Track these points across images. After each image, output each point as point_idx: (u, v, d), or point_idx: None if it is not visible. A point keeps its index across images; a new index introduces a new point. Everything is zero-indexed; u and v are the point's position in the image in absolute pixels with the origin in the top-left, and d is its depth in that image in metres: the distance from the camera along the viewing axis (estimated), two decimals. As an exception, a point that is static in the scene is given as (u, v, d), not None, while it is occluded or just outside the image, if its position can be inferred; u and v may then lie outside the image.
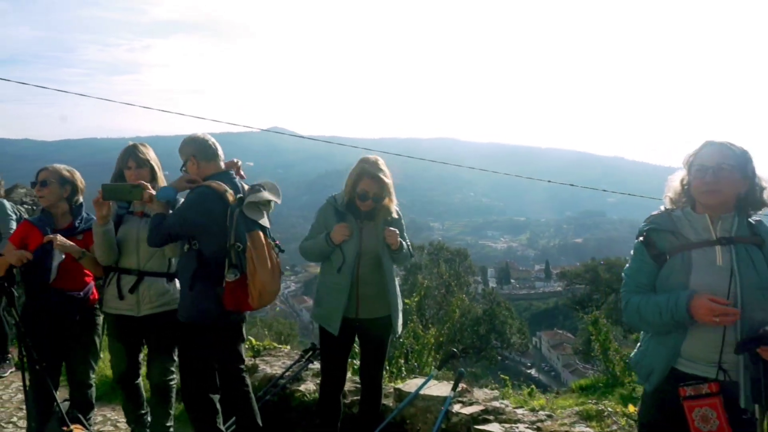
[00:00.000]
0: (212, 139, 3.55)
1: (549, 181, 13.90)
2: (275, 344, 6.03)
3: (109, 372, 4.64)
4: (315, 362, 5.06)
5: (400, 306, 3.80)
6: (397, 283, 3.79)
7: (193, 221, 3.33)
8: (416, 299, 6.94)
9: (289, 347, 6.17)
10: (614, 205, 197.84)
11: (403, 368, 5.98)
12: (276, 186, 3.62)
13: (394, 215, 3.75)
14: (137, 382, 3.93)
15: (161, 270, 3.71)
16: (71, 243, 3.68)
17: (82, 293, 3.83)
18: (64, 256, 3.70)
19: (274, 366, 5.29)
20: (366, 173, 3.62)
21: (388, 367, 5.36)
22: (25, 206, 7.15)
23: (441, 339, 7.41)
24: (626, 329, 25.80)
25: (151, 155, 3.81)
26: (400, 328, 3.82)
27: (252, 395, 3.68)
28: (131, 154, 3.74)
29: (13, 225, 5.44)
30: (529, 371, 49.23)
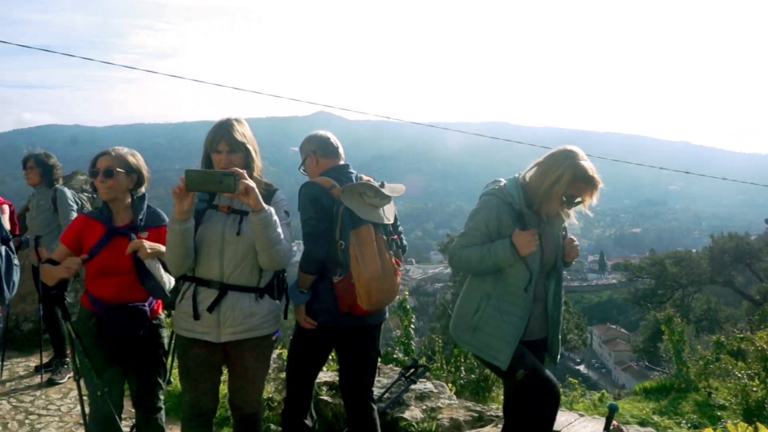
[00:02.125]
0: (333, 137, 3.46)
1: (613, 160, 13.05)
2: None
3: (178, 385, 4.21)
4: (418, 382, 4.51)
5: (562, 326, 3.29)
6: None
7: (318, 221, 3.16)
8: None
9: (381, 360, 5.42)
10: (677, 193, 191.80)
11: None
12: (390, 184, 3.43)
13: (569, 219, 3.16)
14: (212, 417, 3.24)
15: (250, 284, 2.85)
16: (155, 244, 3.05)
17: (147, 305, 3.15)
18: (159, 265, 3.03)
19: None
20: (582, 177, 2.91)
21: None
22: (86, 194, 6.58)
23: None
24: (698, 328, 24.74)
25: (248, 134, 2.90)
26: (559, 354, 3.27)
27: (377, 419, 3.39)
28: (224, 133, 2.81)
29: (74, 216, 4.99)
30: (577, 367, 48.03)
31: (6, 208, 5.49)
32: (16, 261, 3.57)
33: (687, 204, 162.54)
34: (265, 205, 2.62)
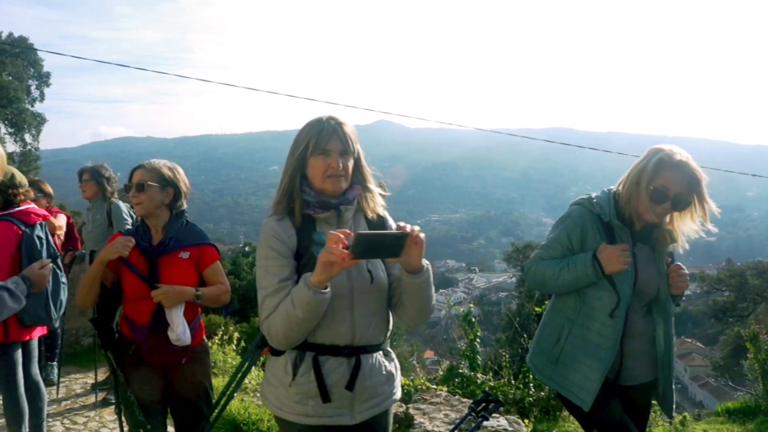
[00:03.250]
0: None
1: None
2: (429, 384, 5.02)
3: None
4: (491, 418, 4.14)
5: (675, 371, 2.78)
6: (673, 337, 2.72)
7: None
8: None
9: (446, 389, 5.08)
10: (754, 200, 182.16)
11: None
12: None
13: (680, 245, 2.60)
14: None
15: (378, 341, 2.14)
16: (181, 288, 2.76)
17: (190, 329, 2.87)
18: (181, 313, 2.77)
19: (434, 419, 4.06)
20: (669, 162, 2.41)
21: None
22: None
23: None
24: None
25: (356, 136, 2.15)
26: (674, 404, 2.73)
27: None
28: (336, 129, 2.04)
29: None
30: (650, 381, 46.04)
31: (62, 218, 5.47)
32: (63, 279, 3.55)
33: (766, 211, 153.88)
34: (424, 260, 1.95)
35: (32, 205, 3.57)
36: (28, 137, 22.27)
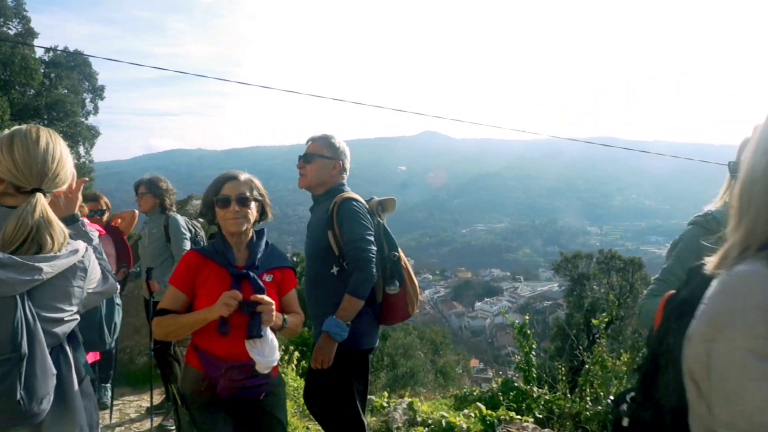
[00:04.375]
0: None
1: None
2: (513, 415, 4.86)
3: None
4: None
5: None
6: None
7: (373, 241, 3.03)
8: (606, 319, 5.68)
9: (532, 420, 4.92)
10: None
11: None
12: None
13: None
14: None
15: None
16: (276, 312, 2.42)
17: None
18: (274, 336, 2.45)
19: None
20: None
21: None
22: (201, 219, 6.41)
23: (634, 367, 6.15)
24: None
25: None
26: None
27: None
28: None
29: (187, 245, 4.63)
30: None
31: (95, 233, 5.09)
32: (118, 300, 3.34)
33: None
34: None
35: (84, 220, 3.31)
36: (82, 150, 22.90)
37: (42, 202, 1.73)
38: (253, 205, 2.55)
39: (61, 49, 21.98)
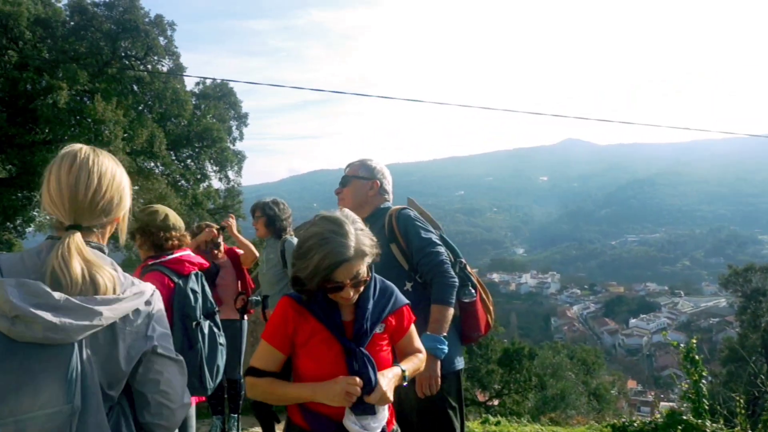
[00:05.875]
0: None
1: None
2: None
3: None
4: None
5: None
6: None
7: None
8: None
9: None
10: None
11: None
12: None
13: None
14: None
15: None
16: (392, 375, 2.10)
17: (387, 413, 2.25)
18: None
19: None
20: None
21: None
22: None
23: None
24: None
25: None
26: None
27: None
28: None
29: None
30: None
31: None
32: (221, 339, 3.03)
33: None
34: None
35: (187, 252, 3.09)
36: (231, 174, 24.62)
37: (71, 241, 1.47)
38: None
39: (209, 78, 24.02)
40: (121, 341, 1.47)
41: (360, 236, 1.98)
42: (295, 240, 4.52)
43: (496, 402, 20.22)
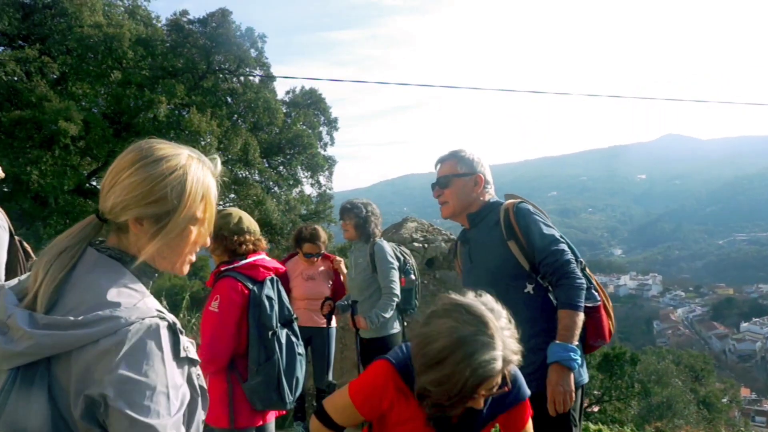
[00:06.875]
0: None
1: None
2: None
3: None
4: None
5: None
6: None
7: None
8: None
9: None
10: None
11: None
12: None
13: None
14: None
15: None
16: None
17: None
18: None
19: None
20: None
21: None
22: (416, 243, 5.51)
23: None
24: None
25: None
26: None
27: None
28: None
29: (395, 276, 4.28)
30: None
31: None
32: (300, 350, 2.91)
33: None
34: None
35: (262, 256, 2.94)
36: (322, 179, 25.07)
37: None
38: None
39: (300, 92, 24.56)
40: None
41: (506, 339, 1.59)
42: (384, 243, 4.40)
43: (596, 408, 19.38)
